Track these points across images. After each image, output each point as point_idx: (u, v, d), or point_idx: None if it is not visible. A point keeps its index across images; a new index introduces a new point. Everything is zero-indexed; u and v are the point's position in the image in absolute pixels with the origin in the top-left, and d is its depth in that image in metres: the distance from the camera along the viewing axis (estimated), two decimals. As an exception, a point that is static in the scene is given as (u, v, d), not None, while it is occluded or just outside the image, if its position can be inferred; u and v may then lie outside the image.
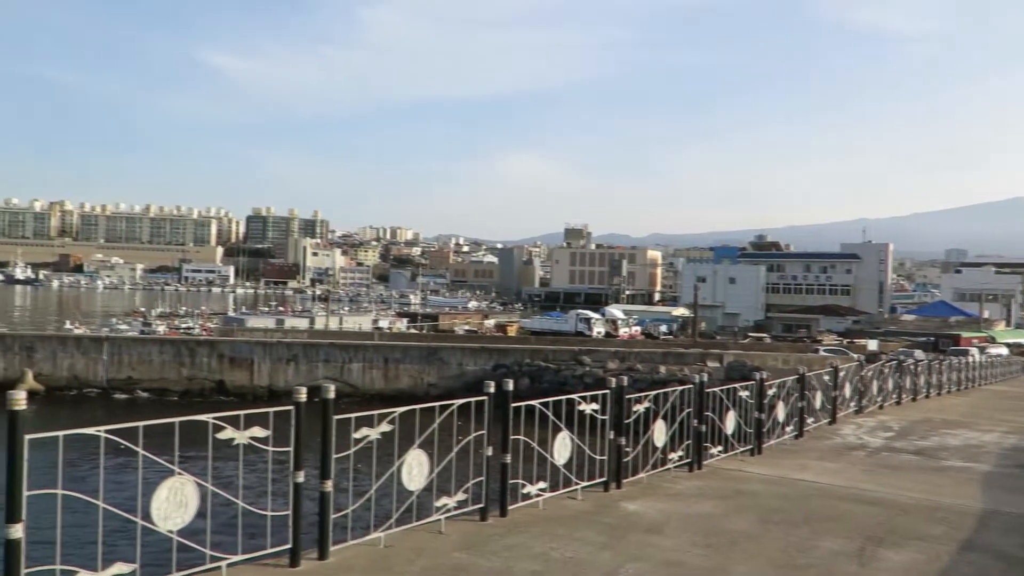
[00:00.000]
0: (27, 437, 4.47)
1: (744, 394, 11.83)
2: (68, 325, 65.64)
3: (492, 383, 7.53)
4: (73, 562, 4.79)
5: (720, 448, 11.27)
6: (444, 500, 7.10)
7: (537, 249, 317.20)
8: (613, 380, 9.26)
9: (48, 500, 4.93)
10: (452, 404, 7.30)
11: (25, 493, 4.45)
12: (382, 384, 42.48)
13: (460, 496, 7.25)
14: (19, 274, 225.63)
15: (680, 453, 10.35)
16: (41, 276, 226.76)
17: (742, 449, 11.82)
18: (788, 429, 13.68)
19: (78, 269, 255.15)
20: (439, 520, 7.08)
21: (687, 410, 10.47)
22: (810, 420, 14.73)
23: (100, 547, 4.87)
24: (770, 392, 12.75)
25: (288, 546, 5.90)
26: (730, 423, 11.37)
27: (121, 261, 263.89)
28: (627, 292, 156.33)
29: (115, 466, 5.45)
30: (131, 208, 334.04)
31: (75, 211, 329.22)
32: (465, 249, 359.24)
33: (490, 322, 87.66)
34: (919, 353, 48.11)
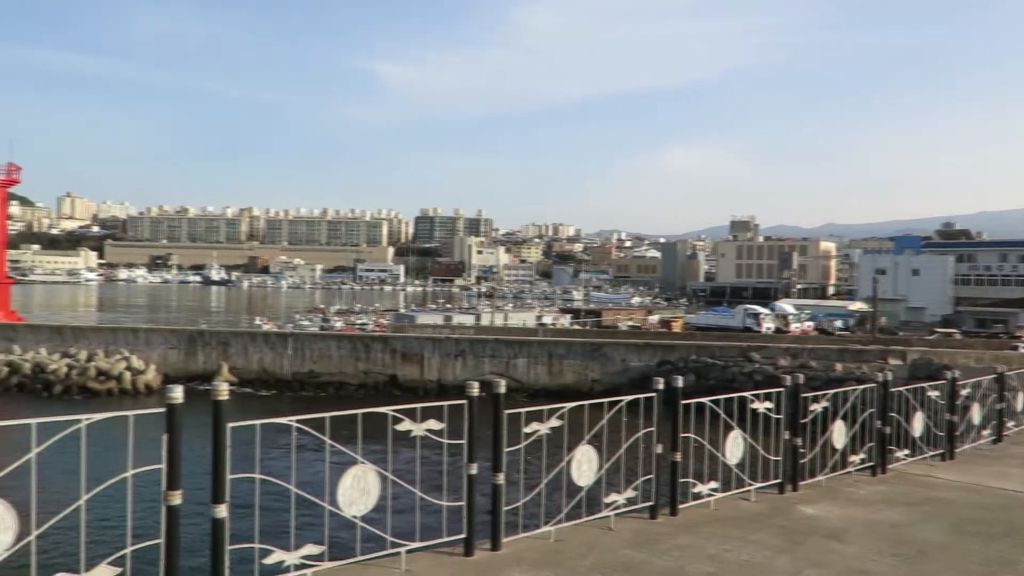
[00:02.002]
0: (229, 425, 4.84)
1: (933, 394, 11.04)
2: (258, 322, 70.63)
3: (661, 379, 7.42)
4: (268, 541, 5.15)
5: (906, 452, 10.57)
6: (613, 496, 7.08)
7: (702, 243, 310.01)
8: (788, 377, 8.89)
9: (245, 483, 5.32)
10: (620, 400, 7.26)
11: (228, 476, 4.82)
12: (546, 379, 42.92)
13: (629, 493, 7.20)
14: (215, 275, 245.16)
15: (862, 456, 9.81)
16: (233, 277, 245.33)
17: (931, 453, 11.03)
18: (985, 433, 12.64)
19: (264, 270, 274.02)
20: (609, 516, 7.06)
21: (869, 410, 9.90)
22: (1010, 424, 13.55)
23: (293, 528, 5.20)
24: (963, 392, 11.83)
25: (463, 536, 6.07)
26: (917, 425, 10.65)
27: (302, 262, 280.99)
28: (798, 286, 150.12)
29: (303, 453, 5.79)
30: (310, 212, 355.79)
31: (262, 216, 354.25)
32: (628, 244, 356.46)
33: (654, 318, 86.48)
34: None
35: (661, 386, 7.35)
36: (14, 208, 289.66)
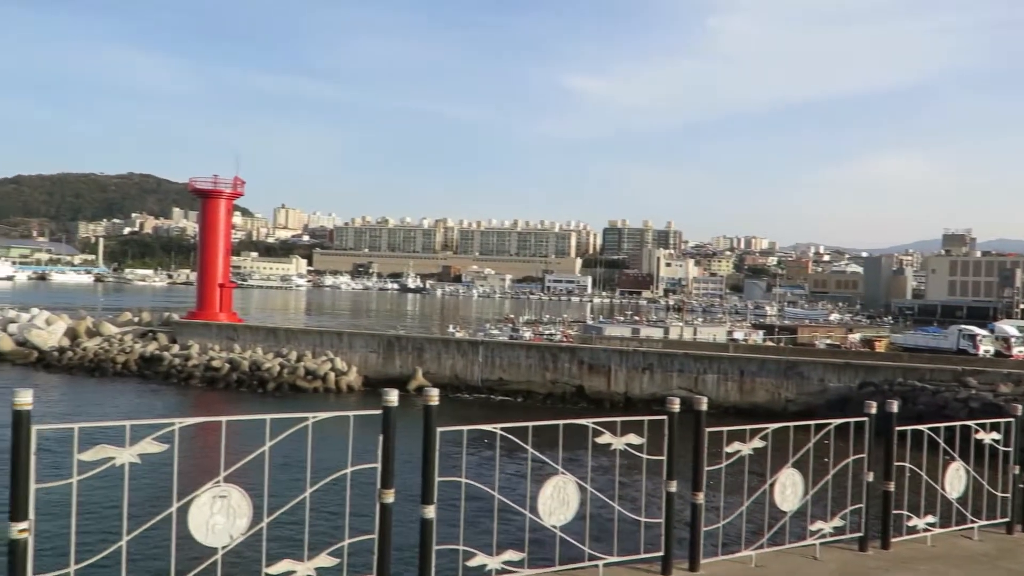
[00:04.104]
0: (438, 429, 5.04)
1: None
2: (450, 329, 73.23)
3: (873, 403, 6.99)
4: (472, 544, 5.31)
5: None
6: (819, 524, 6.73)
7: (909, 258, 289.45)
8: (1020, 406, 8.10)
9: (446, 484, 5.51)
10: (829, 423, 6.90)
11: (436, 479, 5.02)
12: (737, 397, 41.51)
13: (837, 522, 6.83)
14: (411, 283, 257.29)
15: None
16: (427, 285, 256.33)
17: None
18: None
19: (457, 279, 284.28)
20: (813, 545, 6.72)
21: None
22: None
23: (495, 533, 5.34)
24: None
25: (660, 553, 5.98)
26: None
27: (492, 272, 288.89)
28: (1022, 305, 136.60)
29: (503, 460, 5.92)
30: (501, 223, 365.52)
31: (455, 227, 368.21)
32: (826, 258, 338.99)
33: (855, 336, 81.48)
34: None
35: (873, 410, 6.92)
36: (237, 218, 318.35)
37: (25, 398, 4.04)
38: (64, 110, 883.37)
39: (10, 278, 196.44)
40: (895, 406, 7.07)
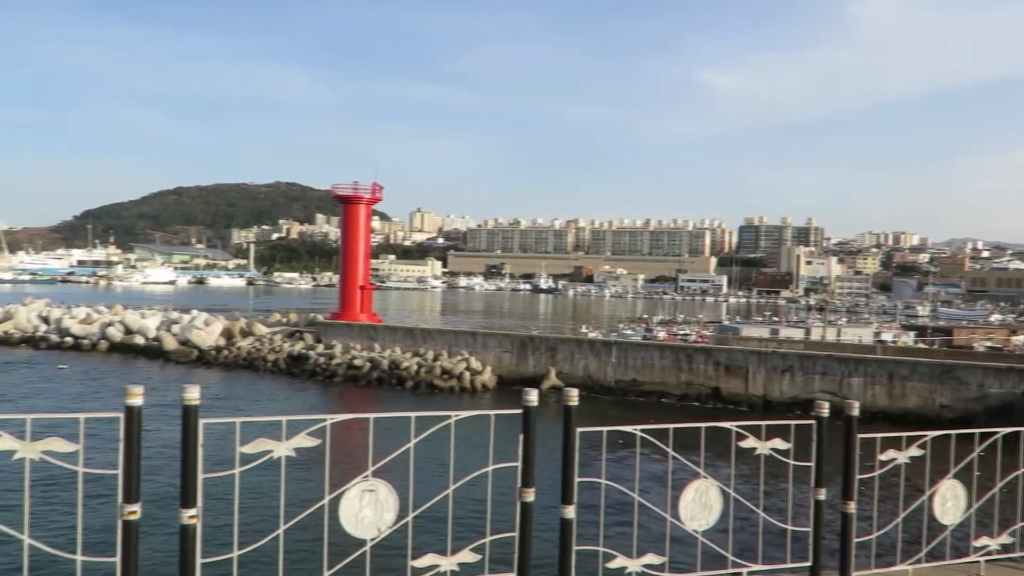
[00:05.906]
0: (578, 430, 5.04)
1: None
2: (583, 329, 73.18)
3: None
4: (611, 545, 5.28)
5: None
6: (984, 540, 6.30)
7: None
8: None
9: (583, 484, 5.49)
10: (996, 432, 6.45)
11: (576, 480, 5.02)
12: (885, 402, 39.44)
13: (1004, 539, 6.37)
14: (543, 284, 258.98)
15: None
16: (559, 286, 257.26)
17: None
18: None
19: (589, 280, 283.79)
20: (977, 562, 6.29)
21: None
22: None
23: (635, 536, 5.28)
24: None
25: (807, 564, 5.76)
26: None
27: (624, 272, 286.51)
28: None
29: (634, 460, 5.84)
30: (633, 223, 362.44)
31: (587, 227, 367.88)
32: (985, 254, 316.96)
33: (1019, 338, 75.89)
34: None
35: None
36: (375, 223, 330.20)
37: (193, 394, 4.32)
38: (217, 124, 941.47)
39: (172, 282, 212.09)
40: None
